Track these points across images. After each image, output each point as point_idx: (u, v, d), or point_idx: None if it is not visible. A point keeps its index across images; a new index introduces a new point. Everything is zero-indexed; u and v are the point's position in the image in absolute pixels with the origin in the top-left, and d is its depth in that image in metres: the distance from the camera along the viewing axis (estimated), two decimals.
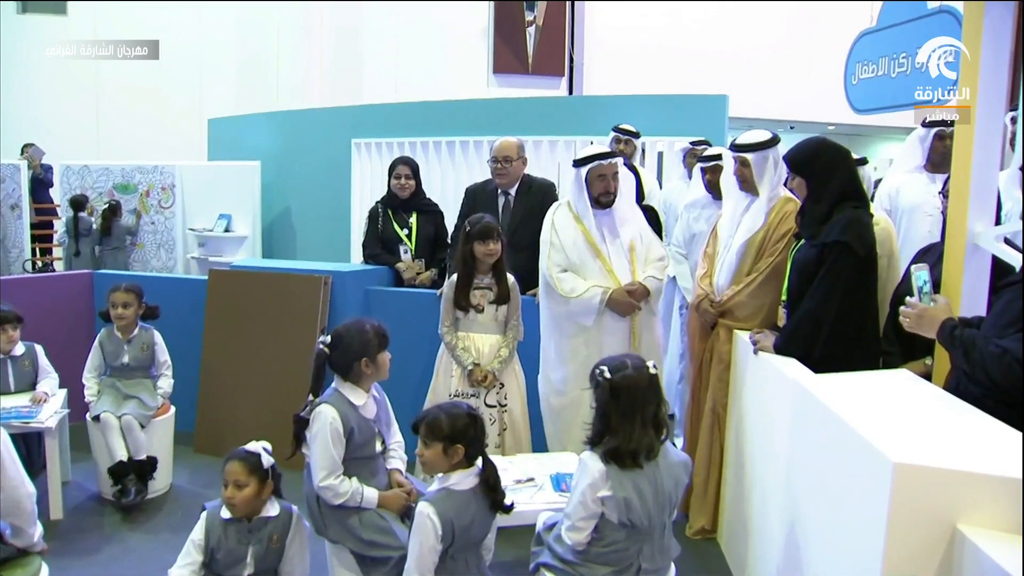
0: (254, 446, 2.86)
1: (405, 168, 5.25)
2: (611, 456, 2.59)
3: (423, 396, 4.30)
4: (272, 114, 9.86)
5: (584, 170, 4.05)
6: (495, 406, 4.08)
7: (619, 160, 4.06)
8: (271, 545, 2.84)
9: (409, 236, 5.21)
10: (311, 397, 3.03)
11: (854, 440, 2.13)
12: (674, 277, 5.12)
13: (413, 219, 5.24)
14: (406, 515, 3.04)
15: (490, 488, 2.65)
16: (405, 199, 5.24)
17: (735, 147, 3.86)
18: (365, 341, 3.01)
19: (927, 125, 4.47)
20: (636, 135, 5.70)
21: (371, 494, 2.98)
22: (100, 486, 4.49)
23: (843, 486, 2.27)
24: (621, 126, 5.72)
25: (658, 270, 4.08)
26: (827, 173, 3.33)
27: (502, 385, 4.12)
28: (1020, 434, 2.05)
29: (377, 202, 5.36)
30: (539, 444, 4.31)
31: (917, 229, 4.42)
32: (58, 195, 10.25)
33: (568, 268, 4.08)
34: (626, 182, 4.16)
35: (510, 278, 4.13)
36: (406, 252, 5.20)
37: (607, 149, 4.21)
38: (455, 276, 4.15)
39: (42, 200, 11.23)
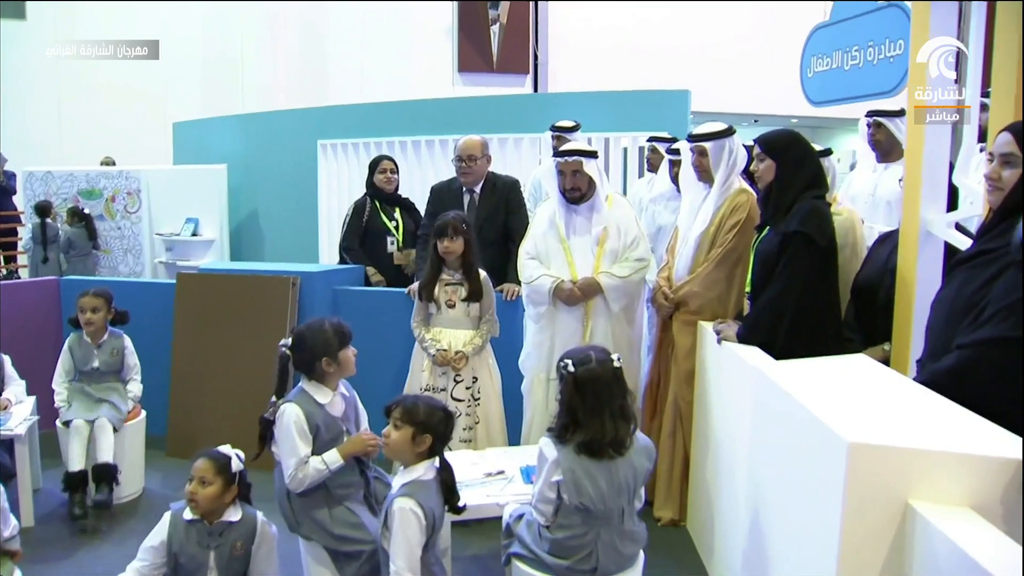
0: (226, 449, 2.88)
1: (389, 163, 5.44)
2: (585, 448, 2.64)
3: (395, 394, 4.32)
4: (238, 117, 9.83)
5: (554, 163, 4.19)
6: (463, 400, 4.11)
7: (583, 160, 4.08)
8: (234, 552, 2.83)
9: (397, 228, 5.31)
10: (274, 398, 3.07)
11: (811, 422, 2.19)
12: None
13: (398, 213, 5.37)
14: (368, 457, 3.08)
15: (446, 488, 2.68)
16: (390, 193, 5.37)
17: (692, 137, 3.96)
18: (324, 340, 3.03)
19: (869, 115, 4.58)
20: (571, 129, 5.73)
21: (330, 456, 2.97)
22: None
23: (802, 467, 2.33)
24: (557, 123, 5.78)
25: (627, 268, 4.09)
26: (799, 161, 3.41)
27: (475, 379, 4.16)
28: (967, 411, 2.13)
29: (365, 195, 5.43)
30: (515, 439, 4.35)
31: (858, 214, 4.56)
32: (21, 202, 10.15)
33: (536, 256, 4.18)
34: (604, 182, 4.24)
35: (482, 274, 4.16)
36: (393, 244, 5.28)
37: (580, 146, 4.27)
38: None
39: (4, 207, 11.11)
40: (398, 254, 5.30)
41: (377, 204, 5.33)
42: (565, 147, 4.25)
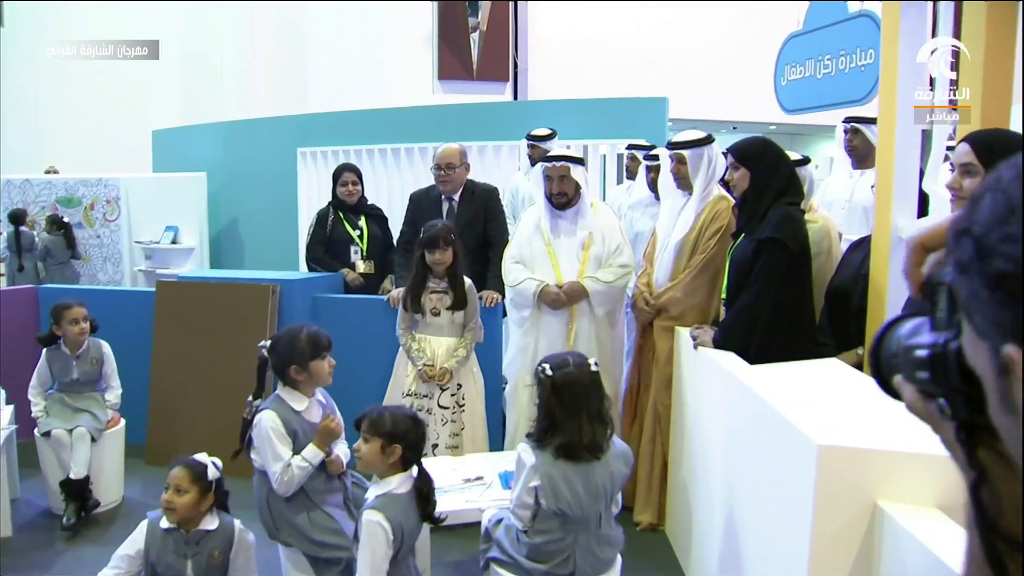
0: (203, 457, 2.88)
1: (351, 175, 5.38)
2: (563, 452, 2.67)
3: (377, 401, 4.34)
4: (217, 124, 9.81)
5: (541, 168, 4.26)
6: (449, 407, 4.14)
7: (570, 166, 4.14)
8: (212, 561, 2.82)
9: (361, 237, 5.29)
10: (250, 398, 3.09)
11: (782, 425, 2.24)
12: None
13: (363, 221, 5.33)
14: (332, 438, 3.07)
15: (422, 498, 2.67)
16: (353, 204, 5.33)
17: (671, 145, 4.01)
18: (296, 349, 3.04)
19: (846, 121, 4.65)
20: (546, 138, 5.78)
21: (309, 452, 2.98)
22: (50, 502, 4.45)
23: (774, 469, 2.37)
24: (532, 132, 5.82)
25: (612, 274, 4.15)
26: (772, 169, 3.45)
27: (459, 386, 4.18)
28: None
29: (328, 204, 5.42)
30: (497, 444, 4.38)
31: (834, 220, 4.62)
32: None
33: (521, 260, 4.23)
34: (589, 189, 4.31)
35: (467, 282, 4.19)
36: (357, 253, 5.27)
37: (567, 152, 4.33)
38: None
39: None
40: (361, 263, 5.30)
41: (340, 214, 5.33)
42: (553, 152, 4.32)
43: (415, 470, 2.69)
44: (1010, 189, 0.53)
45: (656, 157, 4.88)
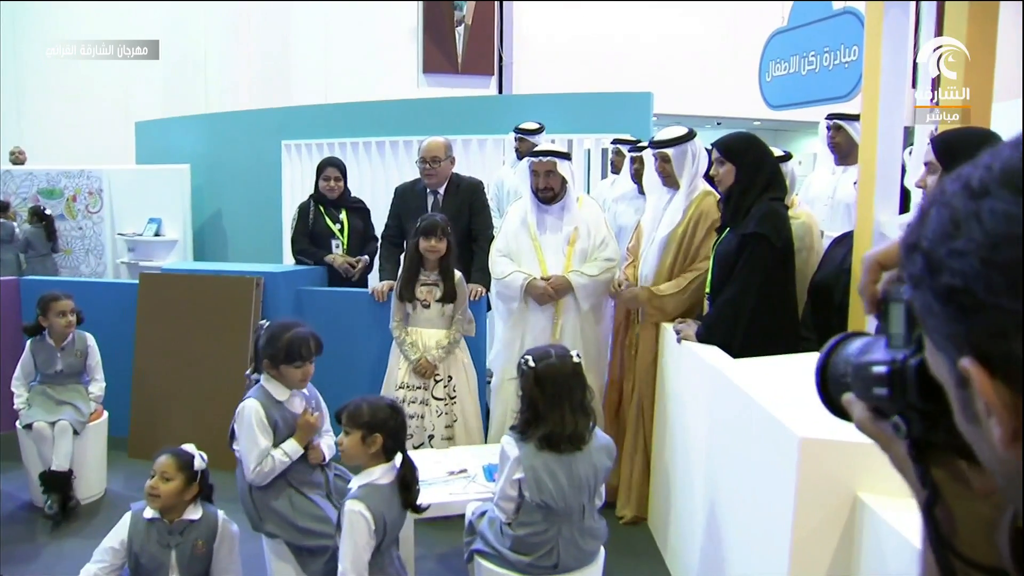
0: (190, 448, 2.88)
1: (334, 170, 5.35)
2: (546, 442, 2.69)
3: (359, 393, 4.34)
4: (201, 116, 9.77)
5: (528, 162, 4.28)
6: (443, 399, 4.17)
7: (557, 161, 4.17)
8: (195, 551, 2.82)
9: (342, 231, 5.29)
10: (248, 372, 3.16)
11: (765, 418, 2.26)
12: None
13: (343, 215, 5.33)
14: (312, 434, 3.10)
15: (404, 486, 2.67)
16: (334, 199, 5.33)
17: (654, 144, 4.01)
18: (272, 347, 3.04)
19: (829, 118, 4.67)
20: (534, 131, 5.81)
21: (289, 445, 3.01)
22: (32, 495, 4.43)
23: (756, 462, 2.40)
24: (520, 125, 5.84)
25: (596, 268, 4.17)
26: (757, 164, 3.47)
27: (451, 378, 4.21)
28: None
29: (309, 197, 5.41)
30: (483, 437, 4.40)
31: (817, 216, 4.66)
32: None
33: (508, 254, 4.25)
34: (575, 183, 4.34)
35: (457, 275, 4.21)
36: (338, 247, 5.27)
37: (556, 148, 4.36)
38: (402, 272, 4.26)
39: None
40: (341, 255, 5.30)
41: (321, 208, 5.32)
42: (540, 148, 4.34)
43: (399, 460, 2.69)
44: (954, 202, 0.53)
45: (641, 149, 4.89)
